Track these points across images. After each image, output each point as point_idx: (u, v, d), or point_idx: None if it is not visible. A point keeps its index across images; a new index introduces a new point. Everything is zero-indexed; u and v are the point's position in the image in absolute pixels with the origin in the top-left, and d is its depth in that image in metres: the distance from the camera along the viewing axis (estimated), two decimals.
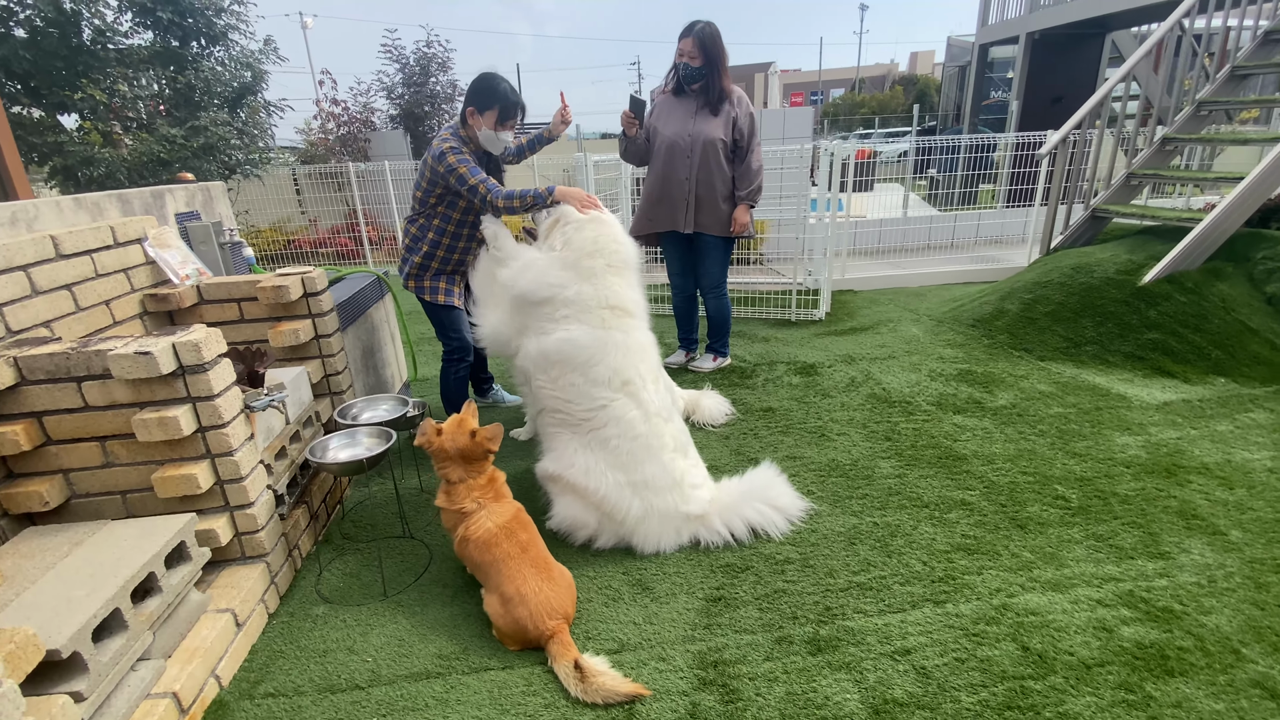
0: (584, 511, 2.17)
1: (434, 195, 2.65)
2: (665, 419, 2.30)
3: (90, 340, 1.75)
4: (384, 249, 8.13)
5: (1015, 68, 7.87)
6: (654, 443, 2.22)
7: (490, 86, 2.55)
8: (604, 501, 2.15)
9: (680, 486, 2.20)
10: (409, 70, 8.72)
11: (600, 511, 2.15)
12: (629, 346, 2.33)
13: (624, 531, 2.16)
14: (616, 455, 2.19)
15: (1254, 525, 2.18)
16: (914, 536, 2.18)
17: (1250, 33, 4.29)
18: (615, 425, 2.21)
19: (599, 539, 2.18)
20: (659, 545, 2.15)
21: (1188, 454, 2.65)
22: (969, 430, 2.93)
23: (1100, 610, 1.82)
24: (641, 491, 2.16)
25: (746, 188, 3.33)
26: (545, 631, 1.71)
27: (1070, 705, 1.52)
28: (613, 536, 2.18)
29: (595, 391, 2.24)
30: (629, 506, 2.14)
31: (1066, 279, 4.16)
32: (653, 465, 2.19)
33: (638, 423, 2.22)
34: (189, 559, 1.69)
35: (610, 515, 2.15)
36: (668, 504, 2.17)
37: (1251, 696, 1.53)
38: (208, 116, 5.22)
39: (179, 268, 2.42)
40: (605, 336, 2.29)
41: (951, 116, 14.76)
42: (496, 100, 2.54)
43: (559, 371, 2.28)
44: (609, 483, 2.16)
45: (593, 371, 2.25)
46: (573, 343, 2.26)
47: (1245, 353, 3.43)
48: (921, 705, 1.54)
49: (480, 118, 2.57)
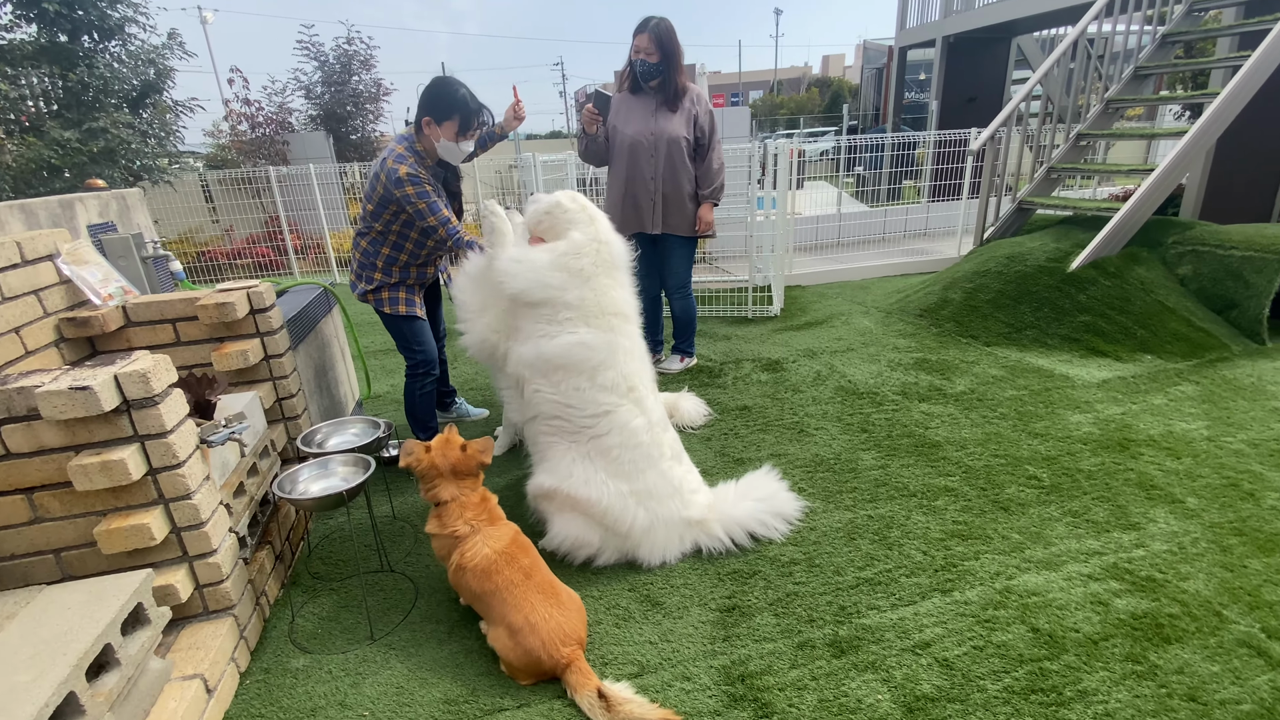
0: (585, 529, 2.06)
1: (387, 213, 2.46)
2: (664, 428, 2.23)
3: (5, 376, 1.50)
4: (309, 258, 7.63)
5: (933, 69, 8.30)
6: (654, 451, 2.15)
7: (447, 94, 2.37)
8: (607, 514, 2.05)
9: (680, 493, 2.14)
10: (329, 68, 8.22)
11: (603, 526, 2.05)
12: (633, 351, 2.25)
13: (628, 545, 2.07)
14: (618, 464, 2.10)
15: (1206, 492, 2.34)
16: (909, 527, 2.21)
17: (1150, 36, 4.67)
18: (619, 433, 2.12)
19: (601, 556, 2.09)
20: (664, 556, 2.08)
21: (1134, 428, 2.83)
22: (937, 417, 3.01)
23: (1092, 585, 1.90)
24: (645, 501, 2.08)
25: (710, 186, 3.31)
26: (561, 660, 1.61)
27: (1087, 683, 1.57)
28: (616, 552, 2.08)
29: (601, 397, 2.13)
30: (634, 517, 2.06)
31: (1003, 268, 4.39)
32: (653, 473, 2.12)
33: (641, 431, 2.14)
34: (147, 622, 1.47)
35: (614, 529, 2.05)
36: (670, 511, 2.10)
37: (1241, 656, 1.62)
38: (107, 118, 4.69)
39: (100, 287, 2.13)
40: (614, 341, 2.20)
41: (871, 117, 15.45)
42: (456, 109, 2.37)
43: (563, 375, 2.16)
44: (611, 493, 2.06)
45: (601, 376, 2.15)
46: (584, 345, 2.15)
47: (1166, 330, 3.72)
48: (951, 699, 1.54)
49: (439, 128, 2.39)
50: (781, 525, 2.19)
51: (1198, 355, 3.56)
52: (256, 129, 7.97)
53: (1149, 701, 1.51)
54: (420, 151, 2.42)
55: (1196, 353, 3.58)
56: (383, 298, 2.58)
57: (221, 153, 8.13)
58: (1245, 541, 2.06)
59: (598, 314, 2.18)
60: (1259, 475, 2.42)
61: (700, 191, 3.32)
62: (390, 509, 2.48)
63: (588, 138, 3.28)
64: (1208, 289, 3.97)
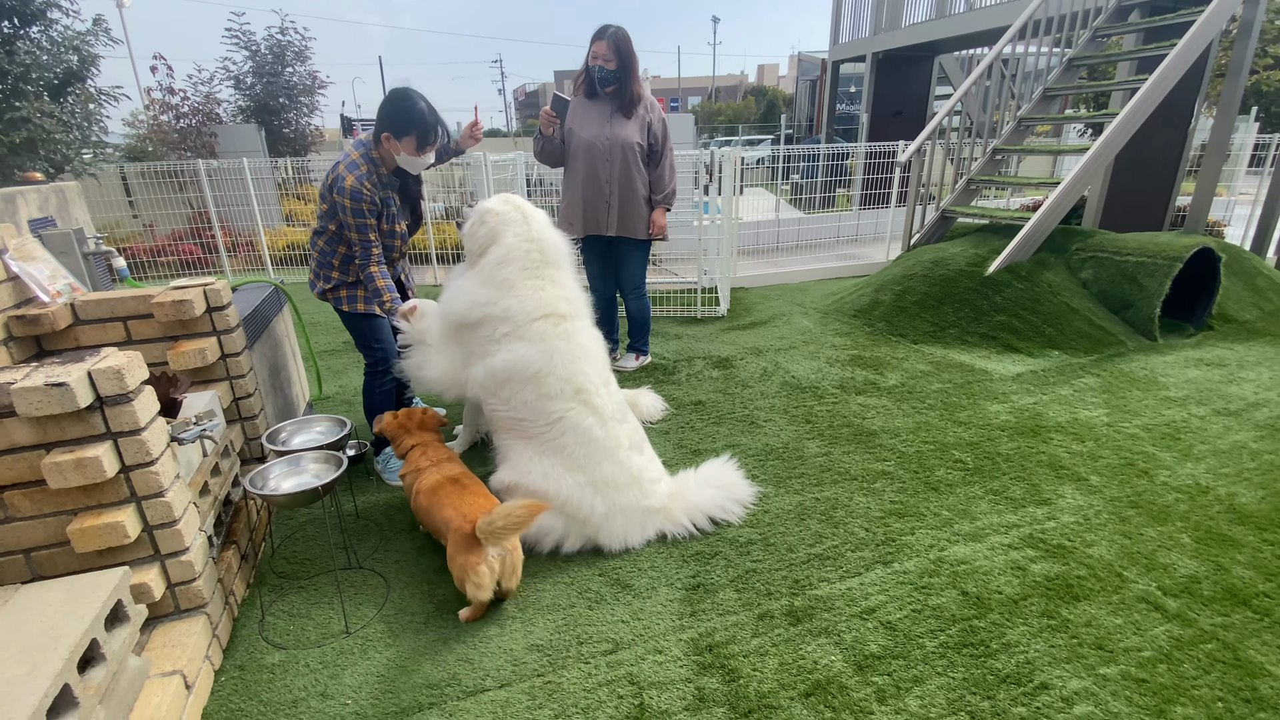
0: (548, 516, 2.15)
1: (337, 220, 2.43)
2: (620, 420, 2.34)
3: None
4: (240, 256, 7.30)
5: (864, 83, 8.77)
6: (610, 444, 2.25)
7: (405, 109, 2.33)
8: (566, 503, 2.15)
9: (639, 482, 2.25)
10: (260, 59, 7.89)
11: (564, 514, 2.15)
12: (574, 352, 2.32)
13: (589, 531, 2.17)
14: (574, 459, 2.20)
15: (1106, 470, 2.65)
16: (851, 507, 2.41)
17: (1059, 59, 5.14)
18: (572, 434, 2.21)
19: (566, 542, 2.18)
20: (626, 541, 2.19)
21: (1044, 416, 3.15)
22: (872, 409, 3.26)
23: (1012, 553, 2.14)
24: (602, 490, 2.18)
25: (662, 191, 3.44)
26: (473, 519, 1.85)
27: (1010, 636, 1.78)
28: (579, 538, 2.18)
29: (549, 405, 2.22)
30: (592, 505, 2.16)
31: (928, 271, 4.74)
32: (610, 464, 2.22)
33: (594, 428, 2.23)
34: (127, 619, 1.47)
35: (574, 516, 2.15)
36: (629, 500, 2.21)
37: (1140, 610, 1.88)
38: (29, 107, 4.37)
39: (48, 283, 2.06)
40: (549, 348, 2.26)
41: (806, 127, 16.06)
42: (414, 126, 2.33)
43: (510, 390, 2.24)
44: (569, 484, 2.16)
45: (544, 385, 2.23)
46: (520, 360, 2.23)
47: (1071, 329, 4.12)
48: (895, 656, 1.73)
49: (398, 143, 2.35)
50: (739, 510, 2.35)
51: (1098, 351, 3.97)
52: (181, 120, 7.56)
53: (1063, 650, 1.74)
54: (376, 159, 2.41)
55: (1097, 349, 3.99)
56: (341, 295, 2.56)
57: (141, 144, 7.66)
58: (1141, 513, 2.36)
59: (529, 321, 2.26)
60: (1152, 455, 2.76)
61: (653, 196, 3.45)
62: (354, 507, 2.49)
63: (544, 139, 3.35)
64: (1107, 291, 4.42)
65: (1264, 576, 2.01)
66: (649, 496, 2.25)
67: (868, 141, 7.82)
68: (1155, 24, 5.04)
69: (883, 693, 1.61)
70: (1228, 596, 1.93)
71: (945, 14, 7.75)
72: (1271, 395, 3.33)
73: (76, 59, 4.87)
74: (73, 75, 4.90)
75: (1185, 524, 2.28)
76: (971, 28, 7.25)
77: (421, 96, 2.39)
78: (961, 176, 5.38)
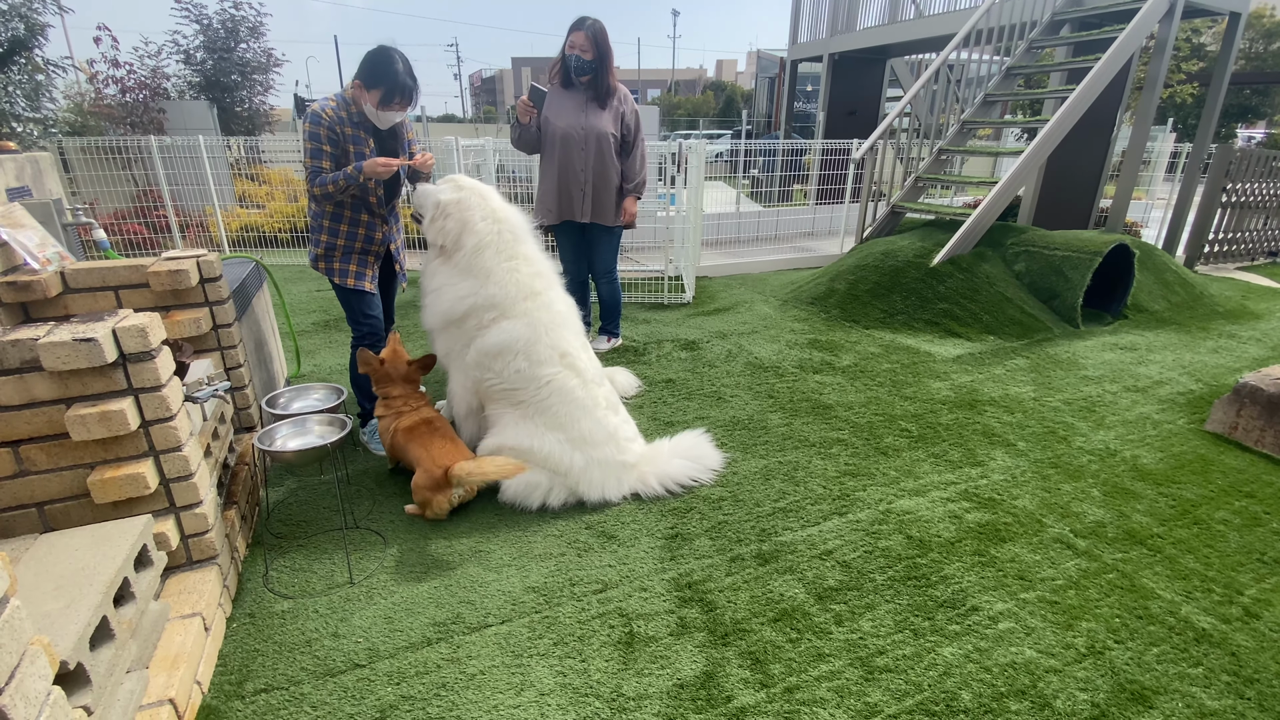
0: (533, 472, 2.32)
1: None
2: (598, 383, 2.52)
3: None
4: (190, 236, 7.10)
5: (820, 83, 9.11)
6: (588, 402, 2.45)
7: (380, 65, 2.41)
8: (548, 459, 2.34)
9: (615, 439, 2.46)
10: (212, 33, 7.64)
11: (548, 468, 2.33)
12: (554, 322, 2.51)
13: (571, 483, 2.36)
14: (556, 418, 2.40)
15: (1031, 437, 2.98)
16: (811, 469, 2.65)
17: (999, 67, 5.54)
18: (558, 394, 2.41)
19: (552, 496, 2.35)
20: (604, 493, 2.38)
21: (980, 392, 3.48)
22: (828, 386, 3.52)
23: (949, 505, 2.42)
24: (581, 446, 2.38)
25: (634, 180, 3.61)
26: (443, 466, 2.20)
27: (947, 570, 2.05)
28: (563, 491, 2.36)
29: (540, 371, 2.41)
30: (571, 460, 2.36)
31: (879, 262, 5.06)
32: (588, 421, 2.42)
33: (577, 389, 2.44)
34: (151, 563, 1.56)
35: (556, 470, 2.35)
36: (605, 455, 2.41)
37: (1055, 549, 2.18)
38: None
39: (37, 250, 2.08)
40: (534, 320, 2.46)
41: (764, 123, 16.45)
42: (383, 82, 2.42)
43: (503, 362, 2.42)
44: (550, 441, 2.36)
45: (535, 352, 2.42)
46: (510, 336, 2.42)
47: (1005, 316, 4.50)
48: (850, 588, 1.96)
49: (365, 94, 2.44)
50: (709, 477, 2.56)
51: (1028, 336, 4.35)
52: (127, 93, 7.27)
53: (990, 581, 2.01)
54: (348, 99, 2.48)
55: (1028, 334, 4.37)
56: (334, 268, 2.62)
57: (82, 118, 7.32)
58: (1060, 472, 2.68)
59: (513, 302, 2.45)
60: (1070, 425, 3.10)
61: (625, 185, 3.62)
62: (346, 472, 2.59)
63: (521, 128, 3.47)
64: (1037, 282, 4.82)
65: (1158, 522, 2.34)
66: (624, 452, 2.46)
67: (824, 139, 8.16)
68: (1083, 38, 5.49)
69: (840, 617, 1.84)
70: (1127, 537, 2.24)
71: (897, 19, 8.15)
72: (1174, 375, 3.75)
73: (23, 27, 4.67)
74: (18, 44, 4.70)
75: (1095, 480, 2.61)
76: (921, 34, 7.65)
77: (403, 58, 2.47)
78: (910, 175, 5.74)
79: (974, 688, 1.62)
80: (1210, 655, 1.75)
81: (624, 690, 1.60)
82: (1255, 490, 2.55)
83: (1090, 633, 1.81)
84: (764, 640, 1.75)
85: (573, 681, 1.63)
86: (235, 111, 8.33)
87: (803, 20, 9.38)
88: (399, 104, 2.47)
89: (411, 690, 1.60)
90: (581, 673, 1.65)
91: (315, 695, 1.59)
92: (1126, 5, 5.25)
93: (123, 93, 7.20)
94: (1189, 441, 2.95)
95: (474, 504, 2.38)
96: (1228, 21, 6.03)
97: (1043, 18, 5.69)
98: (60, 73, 5.23)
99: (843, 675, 1.65)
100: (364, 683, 1.62)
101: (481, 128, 16.95)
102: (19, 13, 4.65)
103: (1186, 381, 3.65)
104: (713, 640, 1.75)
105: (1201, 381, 3.65)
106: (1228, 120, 18.91)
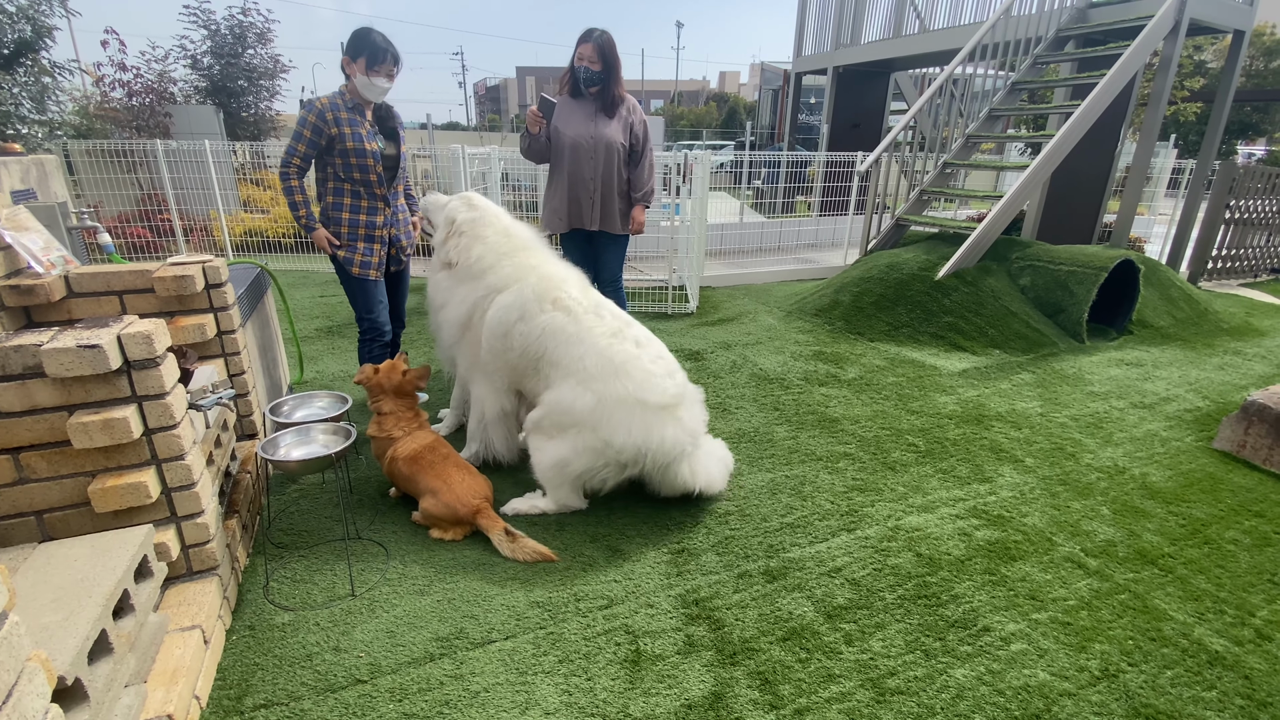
0: (559, 446, 2.25)
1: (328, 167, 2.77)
2: (593, 313, 2.39)
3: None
4: (194, 241, 7.09)
5: (824, 95, 9.15)
6: (581, 333, 2.31)
7: (360, 36, 2.69)
8: (567, 411, 2.22)
9: (626, 373, 2.22)
10: (220, 39, 7.66)
11: (564, 430, 2.24)
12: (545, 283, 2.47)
13: (589, 436, 2.18)
14: (557, 364, 2.32)
15: (1039, 453, 2.95)
16: (818, 483, 2.63)
17: (1003, 82, 5.55)
18: (550, 337, 2.34)
19: (579, 463, 2.23)
20: (631, 438, 2.16)
21: (986, 406, 3.46)
22: (834, 398, 3.50)
23: (958, 522, 2.39)
24: (587, 382, 2.22)
25: (642, 189, 3.60)
26: (472, 507, 2.15)
27: (958, 589, 2.02)
28: (588, 451, 2.20)
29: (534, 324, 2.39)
30: (575, 401, 2.21)
31: (884, 275, 5.05)
32: (581, 350, 2.27)
33: (567, 325, 2.35)
34: (151, 574, 1.53)
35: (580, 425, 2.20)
36: (619, 391, 2.18)
37: (1066, 568, 2.15)
38: None
39: (42, 254, 2.07)
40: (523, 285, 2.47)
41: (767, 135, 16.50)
42: (365, 49, 2.67)
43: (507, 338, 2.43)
44: (565, 392, 2.26)
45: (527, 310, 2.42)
46: (501, 305, 2.47)
47: (1010, 330, 4.48)
48: (860, 606, 1.94)
49: (354, 65, 2.69)
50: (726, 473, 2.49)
51: (1034, 350, 4.34)
52: (134, 97, 7.28)
53: (1002, 600, 1.98)
54: (344, 91, 2.74)
55: (1033, 349, 4.36)
56: (341, 255, 2.84)
57: (88, 121, 7.34)
58: (1068, 489, 2.66)
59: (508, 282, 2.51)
60: (1078, 441, 3.08)
61: (633, 194, 3.61)
62: (348, 482, 2.56)
63: (530, 137, 3.46)
64: (1042, 297, 4.81)
65: (1169, 541, 2.31)
66: (647, 389, 2.19)
67: (827, 151, 8.18)
68: (1088, 55, 5.52)
69: (850, 637, 1.81)
70: (1138, 557, 2.22)
71: (901, 34, 8.19)
72: (1180, 391, 3.73)
73: (30, 29, 4.68)
74: (26, 46, 4.71)
75: (1105, 498, 2.59)
76: (925, 48, 7.69)
77: (378, 32, 2.71)
78: (914, 187, 5.75)
79: (987, 711, 1.59)
80: (1224, 678, 1.72)
81: (631, 710, 1.57)
82: (1265, 510, 2.53)
83: (1104, 655, 1.78)
84: (773, 660, 1.72)
85: (578, 700, 1.59)
86: (241, 116, 8.35)
87: (807, 33, 9.43)
88: (382, 68, 2.70)
89: (414, 707, 1.57)
90: (587, 691, 1.62)
91: (316, 711, 1.56)
92: (1131, 22, 5.27)
93: (129, 96, 7.22)
94: (1197, 459, 2.93)
95: None
96: (1231, 39, 6.06)
97: (1047, 33, 5.71)
98: (67, 75, 5.23)
99: (854, 697, 1.62)
100: (365, 699, 1.59)
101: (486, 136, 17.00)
102: (26, 15, 4.66)
103: (1193, 398, 3.63)
104: (721, 659, 1.72)
105: (1208, 399, 3.63)
106: (1229, 137, 19.02)
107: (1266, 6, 7.41)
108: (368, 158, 2.73)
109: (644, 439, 2.19)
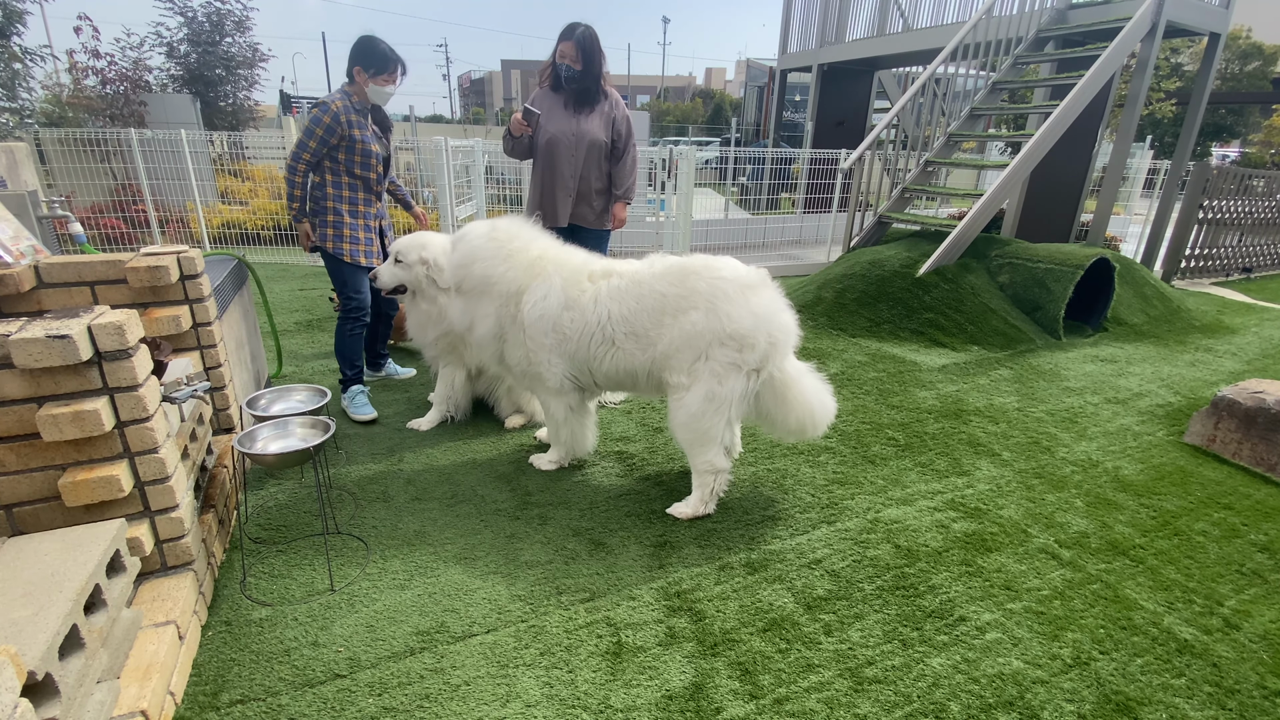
0: (698, 388, 2.23)
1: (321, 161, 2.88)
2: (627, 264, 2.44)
3: None
4: (170, 232, 6.96)
5: (809, 93, 9.19)
6: (642, 276, 2.33)
7: (370, 47, 2.85)
8: (687, 342, 2.22)
9: (711, 268, 2.26)
10: (197, 26, 7.51)
11: (694, 365, 2.23)
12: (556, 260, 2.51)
13: (717, 349, 2.19)
14: (632, 320, 2.33)
15: (1016, 447, 3.00)
16: (799, 477, 2.65)
17: (985, 81, 5.62)
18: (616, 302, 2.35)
19: (723, 390, 2.19)
20: (756, 323, 2.18)
21: (965, 401, 3.50)
22: None
23: (936, 514, 2.42)
24: (684, 308, 2.25)
25: (624, 185, 3.59)
26: None
27: (935, 580, 2.05)
28: (727, 369, 2.19)
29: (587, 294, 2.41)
30: (693, 327, 2.21)
31: (866, 272, 5.10)
32: (653, 286, 2.29)
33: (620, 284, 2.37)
34: (124, 569, 1.51)
35: (691, 352, 2.23)
36: (715, 288, 2.22)
37: (1040, 559, 2.19)
38: None
39: (10, 244, 2.02)
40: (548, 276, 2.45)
41: (753, 131, 16.53)
42: (376, 59, 2.85)
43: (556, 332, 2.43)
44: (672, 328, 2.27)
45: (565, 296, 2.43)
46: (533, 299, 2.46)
47: (989, 327, 4.55)
48: (839, 597, 1.96)
49: (365, 75, 2.85)
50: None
51: (1012, 347, 4.40)
52: (107, 85, 7.11)
53: (978, 591, 2.01)
54: (349, 93, 2.87)
55: (1011, 345, 4.42)
56: (343, 248, 2.93)
57: (60, 109, 7.16)
58: (1044, 482, 2.70)
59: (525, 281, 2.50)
60: (1053, 435, 3.14)
61: (615, 190, 3.60)
62: (326, 477, 2.53)
63: (514, 139, 3.44)
64: (1020, 294, 4.89)
65: (1140, 533, 2.37)
66: (739, 273, 2.24)
67: (812, 148, 8.22)
68: (1067, 55, 5.60)
69: (829, 627, 1.83)
70: (1110, 548, 2.26)
71: (885, 33, 8.25)
72: (1153, 387, 3.81)
73: (1, 14, 4.55)
74: None
75: (1079, 491, 2.64)
76: (908, 47, 7.75)
77: (384, 42, 2.88)
78: (897, 185, 5.80)
79: (962, 699, 1.61)
80: (1193, 666, 1.76)
81: (612, 701, 1.57)
82: (1233, 502, 2.59)
83: (1076, 643, 1.81)
84: (753, 650, 1.74)
85: (560, 692, 1.60)
86: (219, 106, 8.19)
87: (792, 30, 9.46)
88: (387, 77, 2.88)
89: (394, 701, 1.56)
90: (569, 683, 1.62)
91: (294, 707, 1.54)
92: (1109, 24, 5.36)
93: (103, 84, 7.04)
94: (1168, 453, 3.00)
95: (459, 508, 2.35)
96: (1207, 41, 6.18)
97: (1028, 34, 5.79)
98: (38, 62, 5.10)
99: (832, 686, 1.64)
100: (344, 694, 1.58)
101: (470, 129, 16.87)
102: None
103: (1165, 394, 3.71)
104: (702, 650, 1.73)
105: (1180, 394, 3.71)
106: (1204, 139, 19.40)
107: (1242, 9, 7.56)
108: (371, 157, 2.92)
109: (765, 318, 2.17)
